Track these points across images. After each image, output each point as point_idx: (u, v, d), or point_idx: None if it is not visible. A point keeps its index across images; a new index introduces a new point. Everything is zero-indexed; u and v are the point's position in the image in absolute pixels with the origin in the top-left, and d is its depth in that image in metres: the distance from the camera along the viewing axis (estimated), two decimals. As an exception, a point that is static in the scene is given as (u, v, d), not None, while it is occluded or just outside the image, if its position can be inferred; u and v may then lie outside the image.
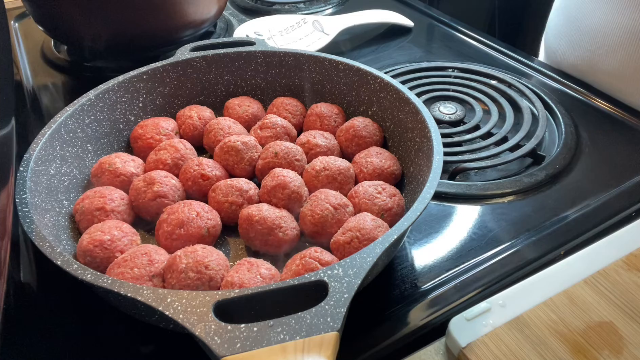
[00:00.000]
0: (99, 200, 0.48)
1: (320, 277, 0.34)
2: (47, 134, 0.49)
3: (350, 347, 0.41)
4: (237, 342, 0.30)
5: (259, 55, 0.64)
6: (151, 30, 0.76)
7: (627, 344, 0.39)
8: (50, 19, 0.76)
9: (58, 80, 0.79)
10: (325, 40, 0.84)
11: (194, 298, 0.33)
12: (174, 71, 0.62)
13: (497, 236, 0.51)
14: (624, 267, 0.45)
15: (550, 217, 0.53)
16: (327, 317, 0.31)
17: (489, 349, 0.39)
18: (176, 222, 0.46)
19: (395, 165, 0.53)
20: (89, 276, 0.36)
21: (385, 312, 0.44)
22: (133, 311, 0.41)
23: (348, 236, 0.44)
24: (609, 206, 0.54)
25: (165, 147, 0.55)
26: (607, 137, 0.64)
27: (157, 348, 0.42)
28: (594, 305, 0.42)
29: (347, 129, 0.58)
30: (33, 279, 0.48)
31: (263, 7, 1.01)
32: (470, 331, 0.40)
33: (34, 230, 0.40)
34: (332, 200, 0.48)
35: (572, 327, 0.40)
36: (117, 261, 0.42)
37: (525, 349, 0.39)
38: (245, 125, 0.61)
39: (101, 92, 0.56)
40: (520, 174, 0.58)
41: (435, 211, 0.54)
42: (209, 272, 0.41)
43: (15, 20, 0.96)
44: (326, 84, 0.64)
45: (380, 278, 0.45)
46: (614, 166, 0.59)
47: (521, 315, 0.41)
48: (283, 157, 0.53)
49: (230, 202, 0.49)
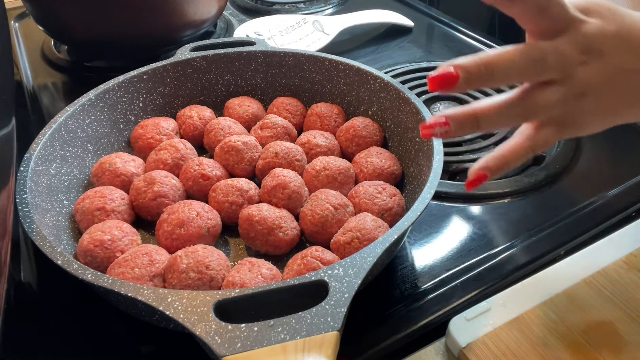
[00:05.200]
0: (100, 200, 0.48)
1: (321, 277, 0.34)
2: (48, 134, 0.49)
3: (350, 347, 0.41)
4: (238, 342, 0.30)
5: (259, 55, 0.64)
6: (151, 30, 0.76)
7: (627, 344, 0.39)
8: (50, 19, 0.76)
9: (58, 80, 0.79)
10: (325, 40, 0.84)
11: (195, 298, 0.33)
12: (174, 71, 0.62)
13: (497, 236, 0.51)
14: (624, 267, 0.45)
15: (550, 217, 0.53)
16: (327, 316, 0.31)
17: (489, 349, 0.39)
18: (176, 222, 0.46)
19: (395, 165, 0.53)
20: (90, 276, 0.36)
21: (385, 312, 0.44)
22: (133, 311, 0.41)
23: (348, 236, 0.44)
24: (609, 206, 0.54)
25: (165, 147, 0.55)
26: (607, 137, 0.64)
27: (157, 348, 0.42)
28: (594, 305, 0.42)
29: (347, 129, 0.58)
30: (33, 279, 0.48)
31: (263, 7, 1.01)
32: (470, 331, 0.40)
33: (35, 230, 0.40)
34: (332, 200, 0.48)
35: (572, 327, 0.40)
36: (117, 261, 0.42)
37: (525, 349, 0.39)
38: (246, 125, 0.61)
39: (101, 92, 0.56)
40: (520, 174, 0.58)
41: (435, 211, 0.54)
42: (209, 272, 0.41)
43: (15, 20, 0.96)
44: (326, 84, 0.64)
45: (380, 278, 0.45)
46: (614, 166, 0.59)
47: (521, 315, 0.41)
48: (283, 157, 0.54)
49: (231, 202, 0.49)
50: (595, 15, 0.34)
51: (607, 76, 0.34)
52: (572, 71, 0.33)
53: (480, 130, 0.34)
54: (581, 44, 0.33)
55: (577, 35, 0.33)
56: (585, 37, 0.33)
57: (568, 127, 0.36)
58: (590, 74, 0.34)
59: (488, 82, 0.33)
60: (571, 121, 0.35)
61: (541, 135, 0.35)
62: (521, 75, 0.33)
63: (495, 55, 0.32)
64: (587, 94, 0.34)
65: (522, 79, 0.34)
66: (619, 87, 0.35)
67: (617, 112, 0.36)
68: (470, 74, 0.32)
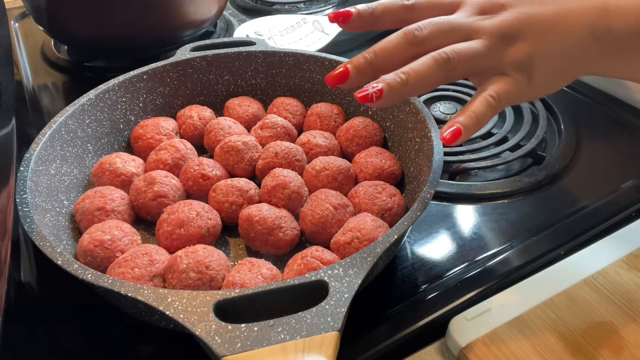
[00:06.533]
0: (100, 200, 0.48)
1: (321, 277, 0.34)
2: (48, 133, 0.49)
3: (350, 347, 0.41)
4: (238, 342, 0.30)
5: (259, 55, 0.64)
6: (151, 30, 0.76)
7: (627, 344, 0.39)
8: (50, 19, 0.76)
9: (58, 80, 0.79)
10: (325, 40, 0.84)
11: (195, 298, 0.33)
12: (174, 71, 0.62)
13: (497, 236, 0.51)
14: (624, 267, 0.45)
15: (550, 217, 0.53)
16: (327, 316, 0.31)
17: (489, 349, 0.39)
18: (176, 222, 0.46)
19: (395, 165, 0.53)
20: (90, 276, 0.36)
21: (385, 312, 0.44)
22: (133, 311, 0.41)
23: (348, 236, 0.44)
24: (609, 206, 0.54)
25: (165, 147, 0.55)
26: (607, 137, 0.64)
27: (157, 348, 0.42)
28: (594, 305, 0.42)
29: (347, 129, 0.58)
30: (33, 279, 0.48)
31: (263, 7, 1.01)
32: (470, 331, 0.40)
33: (35, 230, 0.40)
34: (332, 200, 0.48)
35: (572, 327, 0.40)
36: (117, 261, 0.42)
37: (525, 349, 0.39)
38: (246, 125, 0.61)
39: (101, 92, 0.56)
40: (520, 174, 0.58)
41: (435, 211, 0.54)
42: (209, 272, 0.41)
43: (15, 20, 0.96)
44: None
45: (380, 278, 0.45)
46: (614, 166, 0.59)
47: (521, 315, 0.41)
48: (283, 157, 0.54)
49: (231, 202, 0.49)
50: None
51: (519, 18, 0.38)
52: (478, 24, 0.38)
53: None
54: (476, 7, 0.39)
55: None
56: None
57: (520, 72, 0.38)
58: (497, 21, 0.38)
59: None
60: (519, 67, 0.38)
61: (497, 83, 0.38)
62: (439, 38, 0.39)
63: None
64: (515, 40, 0.37)
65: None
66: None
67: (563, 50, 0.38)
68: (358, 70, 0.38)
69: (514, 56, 0.37)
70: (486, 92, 0.38)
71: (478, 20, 0.38)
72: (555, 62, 0.38)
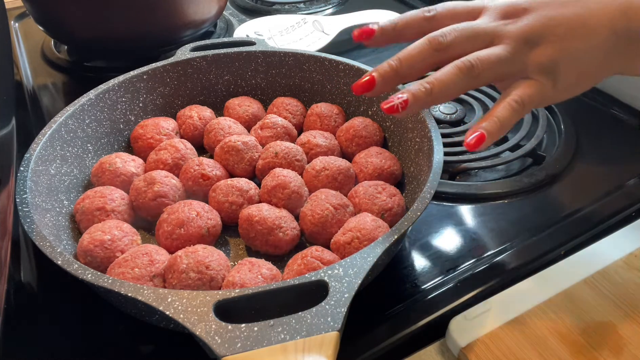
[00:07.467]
0: (100, 200, 0.48)
1: (321, 277, 0.34)
2: (48, 133, 0.49)
3: (350, 347, 0.41)
4: (238, 342, 0.30)
5: (259, 55, 0.64)
6: (151, 30, 0.76)
7: (627, 344, 0.39)
8: (50, 19, 0.76)
9: (58, 80, 0.79)
10: (325, 40, 0.84)
11: (195, 298, 0.33)
12: (174, 71, 0.62)
13: (497, 236, 0.51)
14: (624, 267, 0.45)
15: (550, 217, 0.53)
16: (327, 316, 0.31)
17: (489, 349, 0.39)
18: (176, 222, 0.46)
19: (395, 165, 0.53)
20: (90, 276, 0.36)
21: (385, 312, 0.44)
22: (133, 311, 0.41)
23: (348, 236, 0.44)
24: (609, 206, 0.54)
25: (165, 147, 0.55)
26: (607, 137, 0.64)
27: (157, 348, 0.42)
28: (594, 305, 0.42)
29: (347, 129, 0.58)
30: (33, 279, 0.48)
31: (263, 7, 1.01)
32: (470, 331, 0.40)
33: (35, 230, 0.40)
34: (332, 200, 0.48)
35: (572, 327, 0.40)
36: (117, 261, 0.42)
37: (525, 349, 0.39)
38: (246, 125, 0.61)
39: (101, 92, 0.56)
40: (520, 174, 0.58)
41: (435, 211, 0.54)
42: (210, 272, 0.41)
43: (15, 20, 0.96)
44: (326, 84, 0.64)
45: (380, 278, 0.45)
46: (614, 166, 0.59)
47: (521, 315, 0.41)
48: (283, 157, 0.54)
49: (231, 202, 0.49)
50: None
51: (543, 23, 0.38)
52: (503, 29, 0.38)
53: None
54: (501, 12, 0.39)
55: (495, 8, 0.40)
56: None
57: (544, 75, 0.38)
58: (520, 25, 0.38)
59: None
60: (545, 69, 0.38)
61: (521, 87, 0.38)
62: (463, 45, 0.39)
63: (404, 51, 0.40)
64: (539, 43, 0.37)
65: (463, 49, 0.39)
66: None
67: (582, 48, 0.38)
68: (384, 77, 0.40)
69: (538, 60, 0.37)
70: (510, 96, 0.38)
71: (501, 25, 0.38)
72: (579, 64, 0.38)
